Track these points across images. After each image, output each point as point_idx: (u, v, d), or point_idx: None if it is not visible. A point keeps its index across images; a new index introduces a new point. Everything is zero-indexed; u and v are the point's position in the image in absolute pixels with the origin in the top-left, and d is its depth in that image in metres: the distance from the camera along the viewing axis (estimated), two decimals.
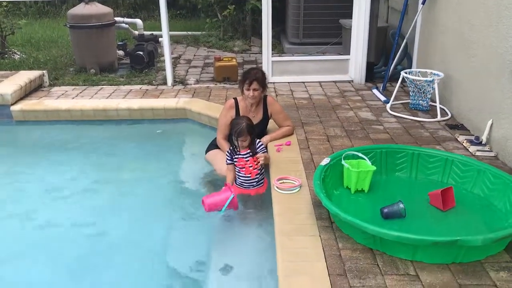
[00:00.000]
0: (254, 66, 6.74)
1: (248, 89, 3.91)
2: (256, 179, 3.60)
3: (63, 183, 4.13)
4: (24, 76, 5.80)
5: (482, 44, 4.15)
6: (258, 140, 3.66)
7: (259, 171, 3.59)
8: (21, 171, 4.37)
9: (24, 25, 8.49)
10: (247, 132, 3.48)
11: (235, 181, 3.64)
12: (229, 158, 3.62)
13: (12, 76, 5.86)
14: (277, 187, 3.29)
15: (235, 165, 3.61)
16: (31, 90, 5.78)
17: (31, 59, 7.41)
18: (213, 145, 4.17)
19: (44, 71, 6.17)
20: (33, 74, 5.96)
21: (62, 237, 3.41)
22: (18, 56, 7.62)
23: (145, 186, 4.07)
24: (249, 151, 3.57)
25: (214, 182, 3.95)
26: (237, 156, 3.59)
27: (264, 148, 3.66)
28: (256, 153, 3.58)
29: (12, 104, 5.29)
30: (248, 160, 3.56)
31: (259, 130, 4.03)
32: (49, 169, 4.39)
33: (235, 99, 4.11)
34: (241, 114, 3.98)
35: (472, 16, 4.34)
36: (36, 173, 4.34)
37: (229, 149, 3.65)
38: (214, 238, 3.36)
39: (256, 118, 4.05)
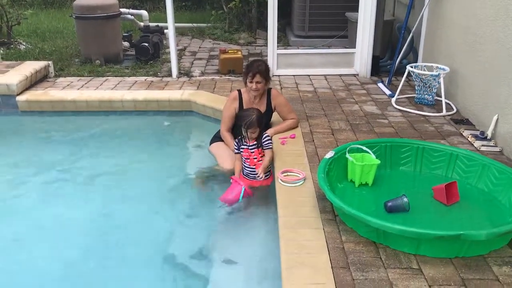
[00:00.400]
0: (259, 58, 6.72)
1: (251, 82, 3.91)
2: None
3: (67, 174, 4.15)
4: (30, 67, 5.81)
5: (489, 39, 4.12)
6: (264, 133, 3.67)
7: None
8: (26, 161, 4.39)
9: (30, 16, 8.50)
10: (257, 124, 3.50)
11: (242, 171, 3.66)
12: (236, 147, 3.65)
13: (17, 66, 5.88)
14: (281, 179, 3.30)
15: (241, 155, 3.63)
16: (36, 81, 5.79)
17: (36, 49, 7.42)
18: (217, 137, 4.18)
19: (49, 62, 6.17)
20: (38, 64, 5.97)
21: (63, 226, 3.43)
22: (24, 47, 7.63)
23: (149, 177, 4.09)
24: (255, 142, 3.58)
25: (218, 174, 3.96)
26: (243, 147, 3.60)
27: (270, 141, 3.67)
28: (262, 145, 3.59)
29: (17, 94, 5.31)
30: (253, 152, 3.57)
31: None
32: (53, 159, 4.40)
33: (239, 91, 4.11)
34: (244, 106, 3.98)
35: (479, 10, 4.30)
36: (40, 163, 4.35)
37: (237, 139, 3.67)
38: (217, 230, 3.38)
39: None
